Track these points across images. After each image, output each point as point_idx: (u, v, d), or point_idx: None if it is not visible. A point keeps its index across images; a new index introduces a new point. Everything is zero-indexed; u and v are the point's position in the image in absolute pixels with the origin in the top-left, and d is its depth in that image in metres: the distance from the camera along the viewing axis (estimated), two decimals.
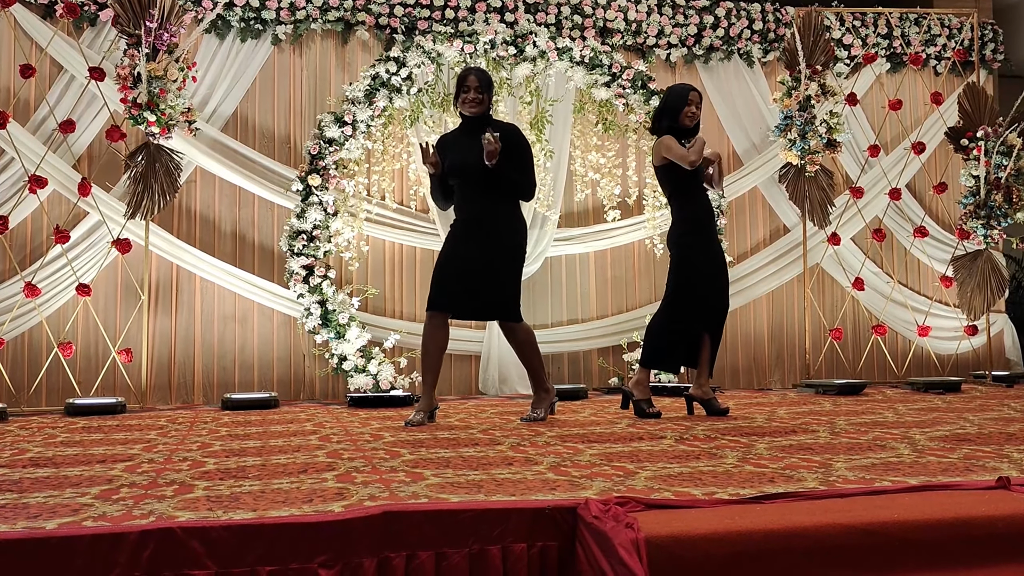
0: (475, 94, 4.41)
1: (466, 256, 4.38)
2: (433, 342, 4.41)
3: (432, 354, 4.41)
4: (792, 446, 3.41)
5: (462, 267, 4.38)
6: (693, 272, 4.64)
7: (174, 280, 6.23)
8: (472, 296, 4.38)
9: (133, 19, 5.53)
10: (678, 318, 4.62)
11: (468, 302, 4.41)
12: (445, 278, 4.40)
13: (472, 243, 4.40)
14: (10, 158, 5.78)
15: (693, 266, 4.65)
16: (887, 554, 2.06)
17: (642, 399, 4.61)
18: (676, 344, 4.64)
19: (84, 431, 4.35)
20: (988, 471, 2.73)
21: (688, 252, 4.66)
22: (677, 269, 4.69)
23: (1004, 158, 6.63)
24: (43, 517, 2.19)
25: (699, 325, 4.62)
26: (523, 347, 4.51)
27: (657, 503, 2.20)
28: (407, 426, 4.25)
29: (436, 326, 4.41)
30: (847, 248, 7.24)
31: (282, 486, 2.60)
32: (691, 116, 4.66)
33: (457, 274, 4.38)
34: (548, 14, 6.78)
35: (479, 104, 4.43)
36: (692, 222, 4.69)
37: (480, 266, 4.36)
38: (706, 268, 4.66)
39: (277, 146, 6.45)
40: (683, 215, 4.71)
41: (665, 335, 4.64)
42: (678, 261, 4.69)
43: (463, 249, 4.40)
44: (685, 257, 4.67)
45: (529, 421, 4.41)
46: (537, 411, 4.50)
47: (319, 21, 6.49)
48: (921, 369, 7.27)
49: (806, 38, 6.71)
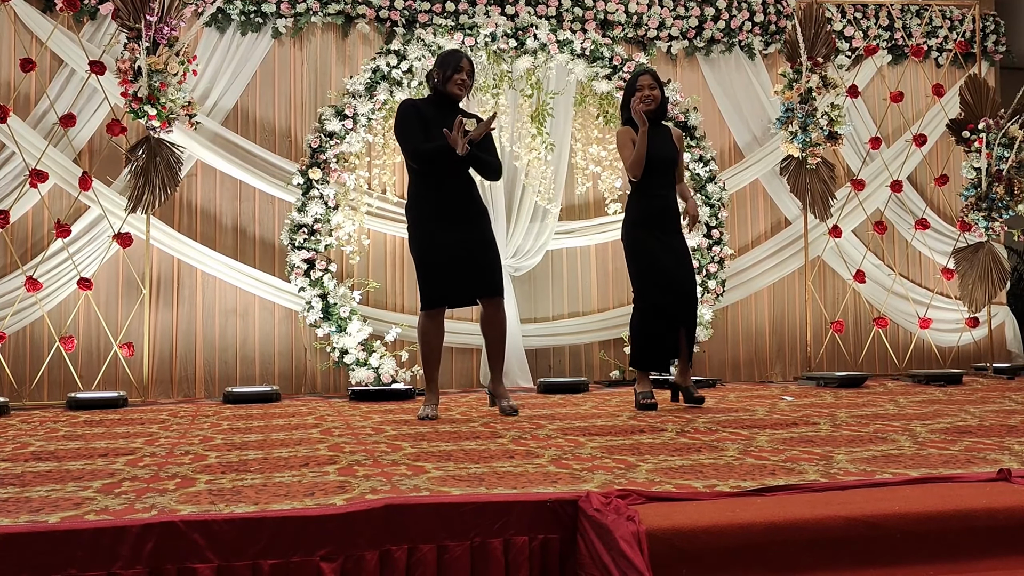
0: (467, 78, 4.37)
1: (456, 241, 4.26)
2: (437, 337, 4.37)
3: (436, 349, 4.38)
4: (793, 438, 3.41)
5: (455, 253, 4.26)
6: (638, 260, 4.57)
7: (175, 274, 6.24)
8: (473, 278, 4.28)
9: (133, 12, 5.53)
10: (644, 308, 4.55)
11: (469, 286, 4.30)
12: (439, 270, 4.28)
13: (459, 226, 4.28)
14: (11, 152, 5.78)
15: (635, 255, 4.58)
16: (888, 546, 2.06)
17: (643, 391, 4.59)
18: (655, 341, 4.53)
19: (86, 425, 4.35)
20: (989, 463, 2.74)
21: (632, 243, 4.60)
22: (628, 260, 4.66)
23: (1006, 150, 6.61)
24: (45, 511, 2.19)
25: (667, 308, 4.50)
26: (503, 327, 4.39)
27: (658, 496, 2.20)
28: (421, 419, 4.23)
29: (437, 322, 4.36)
30: (848, 241, 7.23)
31: (284, 479, 2.60)
32: (643, 100, 4.54)
33: (451, 262, 4.26)
34: (549, 6, 6.77)
35: (466, 89, 4.39)
36: (634, 213, 4.60)
37: (474, 245, 4.29)
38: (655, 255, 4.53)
39: (278, 140, 6.45)
40: (630, 208, 4.66)
41: (642, 336, 4.56)
42: (627, 252, 4.65)
43: (450, 235, 4.27)
44: (629, 249, 4.62)
45: (513, 414, 4.35)
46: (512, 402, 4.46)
47: (319, 14, 6.48)
48: (922, 361, 7.27)
49: (807, 30, 6.69)
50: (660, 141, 4.60)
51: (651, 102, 4.58)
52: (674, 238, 4.61)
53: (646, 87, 4.58)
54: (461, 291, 4.33)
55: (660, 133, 4.63)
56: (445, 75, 4.35)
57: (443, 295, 4.32)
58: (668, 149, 4.62)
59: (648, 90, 4.58)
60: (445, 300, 4.33)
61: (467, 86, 4.38)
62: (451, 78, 4.34)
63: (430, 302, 4.32)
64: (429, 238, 4.31)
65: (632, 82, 4.66)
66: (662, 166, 4.58)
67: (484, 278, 4.31)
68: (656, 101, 4.59)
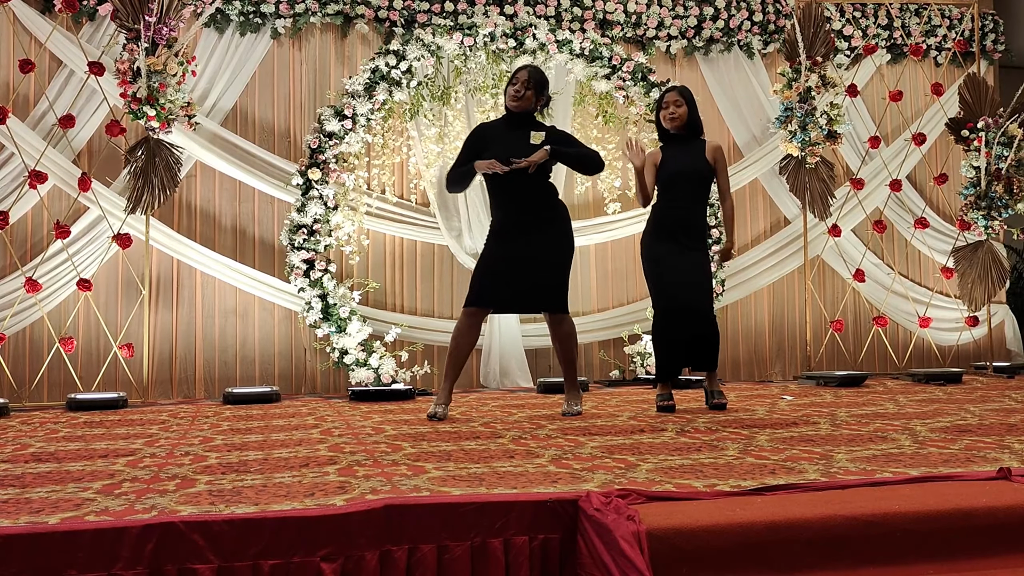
0: (520, 87, 4.36)
1: (514, 253, 4.32)
2: (466, 336, 4.37)
3: (463, 348, 4.37)
4: (793, 438, 3.41)
5: (510, 263, 4.31)
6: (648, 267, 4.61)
7: (175, 275, 6.23)
8: (523, 287, 4.33)
9: (132, 13, 5.52)
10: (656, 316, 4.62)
11: (517, 293, 4.35)
12: (486, 275, 4.34)
13: (520, 239, 4.33)
14: (10, 153, 5.78)
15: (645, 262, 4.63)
16: (888, 545, 2.06)
17: (660, 393, 4.60)
18: (665, 350, 4.55)
19: (86, 426, 4.35)
20: (989, 462, 2.74)
21: (645, 252, 4.64)
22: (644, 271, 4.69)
23: (1005, 149, 6.61)
24: (46, 512, 2.19)
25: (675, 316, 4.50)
26: (568, 339, 4.46)
27: (658, 495, 2.20)
28: (430, 419, 4.23)
29: (470, 323, 4.37)
30: (848, 240, 7.23)
31: (284, 480, 2.60)
32: (669, 118, 4.62)
33: (504, 270, 4.32)
34: (547, 6, 6.77)
35: (519, 99, 4.37)
36: (650, 224, 4.65)
37: (529, 258, 4.31)
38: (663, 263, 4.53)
39: (277, 140, 6.45)
40: (649, 219, 4.70)
41: (655, 344, 4.62)
42: (643, 263, 4.68)
43: (511, 247, 4.33)
44: (644, 257, 4.65)
45: (572, 415, 4.38)
46: (576, 405, 4.48)
47: (318, 14, 6.48)
48: (922, 360, 7.27)
49: (806, 29, 6.69)
50: (685, 156, 4.62)
51: (676, 120, 4.62)
52: (691, 253, 4.56)
53: (671, 104, 4.63)
54: (501, 299, 4.38)
55: (690, 147, 4.65)
56: (505, 90, 4.45)
57: (479, 296, 4.36)
58: (695, 163, 4.61)
59: (674, 107, 4.62)
60: (480, 300, 4.36)
61: (520, 96, 4.37)
62: (506, 91, 4.44)
63: (467, 300, 4.41)
64: (488, 249, 4.44)
65: (660, 100, 4.71)
66: (681, 180, 4.60)
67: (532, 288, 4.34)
68: (682, 119, 4.62)
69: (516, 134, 4.37)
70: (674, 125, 4.63)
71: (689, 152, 4.64)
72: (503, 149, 4.31)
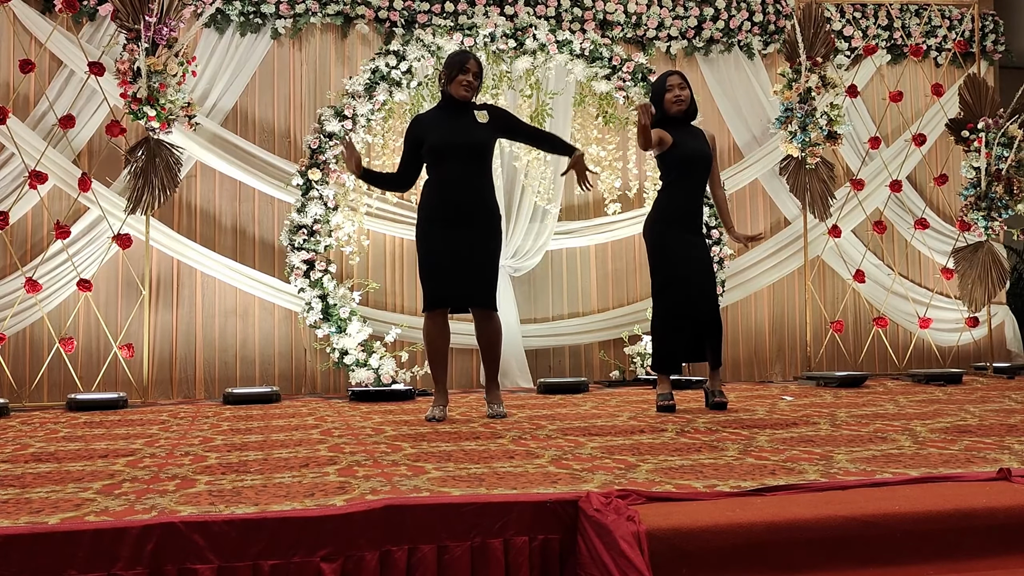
0: (472, 79, 4.37)
1: (455, 243, 4.26)
2: (442, 339, 4.36)
3: (441, 350, 4.37)
4: (793, 438, 3.41)
5: (454, 256, 4.25)
6: (657, 255, 4.56)
7: (175, 275, 6.24)
8: (463, 285, 4.26)
9: (132, 14, 5.52)
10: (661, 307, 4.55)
11: (464, 292, 4.29)
12: (439, 272, 4.28)
13: (459, 228, 4.27)
14: (10, 154, 5.78)
15: (654, 249, 4.57)
16: (888, 546, 2.06)
17: (660, 393, 4.58)
18: (669, 342, 4.51)
19: (86, 426, 4.35)
20: (989, 462, 2.74)
21: (654, 239, 4.57)
22: (649, 257, 4.64)
23: (1005, 149, 6.61)
24: (46, 512, 2.19)
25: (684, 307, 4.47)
26: (497, 336, 4.38)
27: (658, 496, 2.20)
28: (429, 421, 4.22)
29: (439, 324, 4.35)
30: (848, 240, 7.23)
31: (284, 480, 2.60)
32: (675, 100, 4.57)
33: (451, 264, 4.26)
34: (548, 7, 6.77)
35: (472, 90, 4.39)
36: (660, 211, 4.60)
37: (468, 251, 4.26)
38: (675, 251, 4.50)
39: (277, 140, 6.45)
40: (656, 204, 4.67)
41: (656, 336, 4.56)
42: (648, 249, 4.64)
43: (450, 235, 4.27)
44: (651, 244, 4.59)
45: (502, 417, 4.32)
46: (502, 407, 4.42)
47: (318, 15, 6.48)
48: (922, 361, 7.27)
49: (806, 30, 6.69)
50: (693, 140, 4.60)
51: (682, 102, 4.59)
52: (698, 244, 4.57)
53: (676, 87, 4.59)
54: (456, 295, 4.32)
55: (692, 133, 4.63)
56: (450, 76, 4.36)
57: (440, 296, 4.31)
58: (703, 148, 4.60)
59: (678, 89, 4.59)
60: (443, 302, 4.32)
61: (473, 87, 4.38)
62: (455, 79, 4.35)
63: (427, 303, 4.35)
64: (432, 234, 4.33)
65: (661, 82, 4.66)
66: (699, 163, 4.56)
67: (472, 288, 4.28)
68: (687, 101, 4.60)
69: (458, 118, 4.34)
70: (680, 108, 4.59)
71: (694, 137, 4.62)
72: (448, 133, 4.31)
